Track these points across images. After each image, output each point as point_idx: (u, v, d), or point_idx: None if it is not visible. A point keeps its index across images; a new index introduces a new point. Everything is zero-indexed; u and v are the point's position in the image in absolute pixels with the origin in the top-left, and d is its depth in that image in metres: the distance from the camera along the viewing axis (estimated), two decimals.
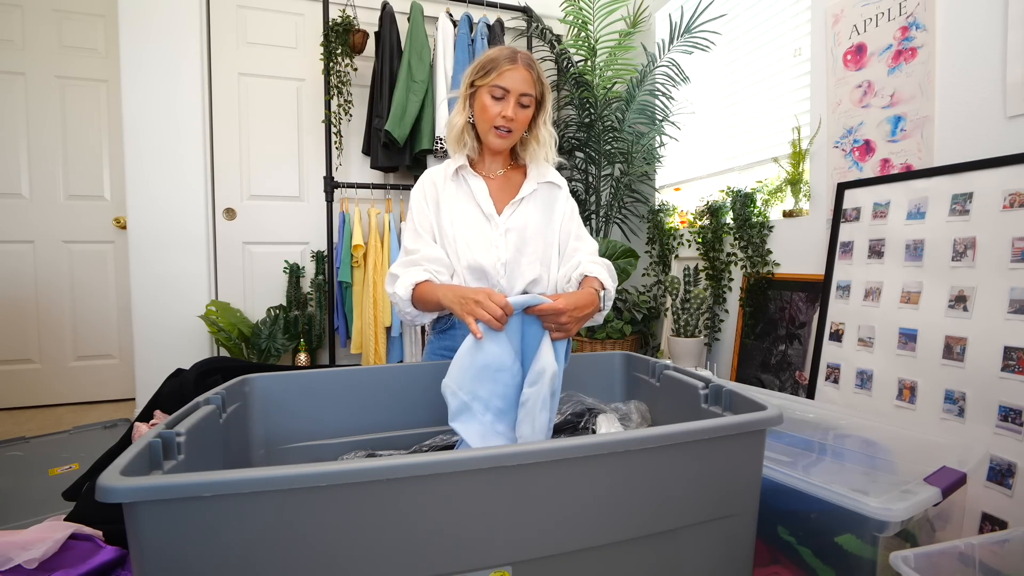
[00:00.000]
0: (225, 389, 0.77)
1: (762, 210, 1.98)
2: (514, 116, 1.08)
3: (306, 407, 0.89)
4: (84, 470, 1.20)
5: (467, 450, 0.52)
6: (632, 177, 2.52)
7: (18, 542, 0.75)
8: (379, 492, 0.48)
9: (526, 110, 1.11)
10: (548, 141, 1.17)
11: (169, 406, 1.19)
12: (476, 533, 0.52)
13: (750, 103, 2.16)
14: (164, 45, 2.32)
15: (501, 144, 1.13)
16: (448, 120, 1.18)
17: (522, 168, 1.22)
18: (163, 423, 0.60)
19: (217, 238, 2.50)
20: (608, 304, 1.05)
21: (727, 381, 0.95)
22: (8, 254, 2.53)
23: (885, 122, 1.53)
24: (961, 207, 1.27)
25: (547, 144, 1.17)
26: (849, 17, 1.63)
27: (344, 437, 0.91)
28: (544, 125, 1.16)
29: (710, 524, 0.62)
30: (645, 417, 0.93)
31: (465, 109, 1.14)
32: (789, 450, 0.90)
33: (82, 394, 2.68)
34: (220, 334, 2.25)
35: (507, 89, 1.07)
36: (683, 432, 0.58)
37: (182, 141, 2.36)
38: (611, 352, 1.09)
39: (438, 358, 1.13)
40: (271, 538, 0.46)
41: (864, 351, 1.46)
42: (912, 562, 0.61)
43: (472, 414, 0.85)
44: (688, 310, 2.13)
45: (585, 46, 2.46)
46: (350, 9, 2.43)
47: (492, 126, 1.10)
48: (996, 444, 1.11)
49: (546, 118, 1.16)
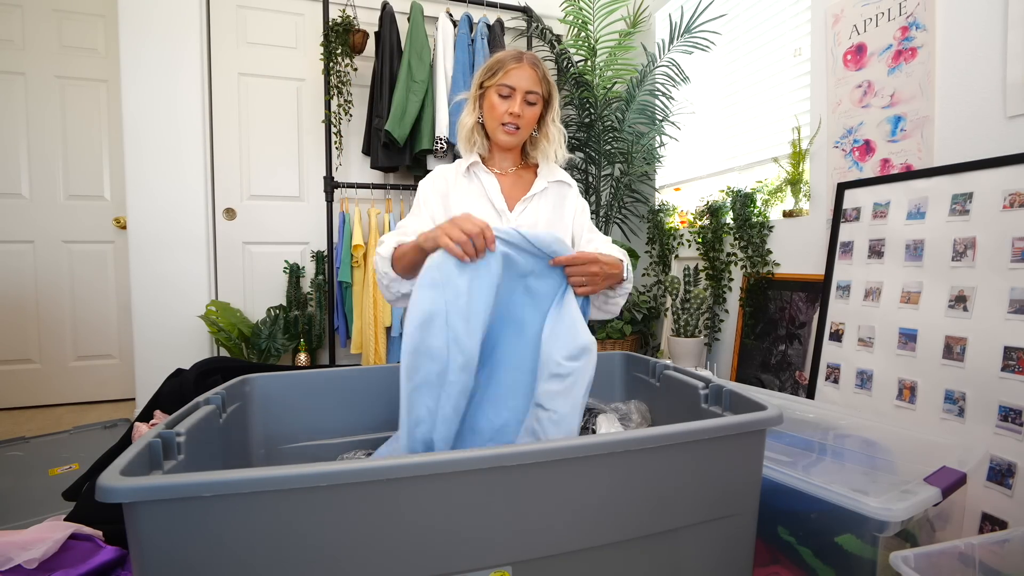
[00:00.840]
0: (225, 389, 0.77)
1: (762, 210, 1.98)
2: (521, 112, 1.12)
3: (306, 407, 0.89)
4: (84, 470, 1.20)
5: (467, 450, 0.52)
6: (632, 177, 2.52)
7: (18, 542, 0.75)
8: (379, 492, 0.48)
9: (533, 107, 1.14)
10: (557, 138, 1.20)
11: (169, 406, 1.19)
12: (476, 533, 0.52)
13: (750, 103, 2.16)
14: (164, 45, 2.31)
15: (509, 141, 1.16)
16: (459, 121, 1.21)
17: (533, 167, 1.25)
18: (163, 423, 0.60)
19: (217, 238, 2.50)
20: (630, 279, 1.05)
21: (727, 381, 0.95)
22: (8, 254, 2.53)
23: (885, 122, 1.53)
24: (961, 207, 1.27)
25: (556, 141, 1.20)
26: (849, 17, 1.63)
27: (344, 437, 0.91)
28: (553, 123, 1.20)
29: (710, 524, 0.62)
30: (645, 417, 0.93)
31: (475, 110, 1.18)
32: (789, 450, 0.90)
33: (82, 394, 2.67)
34: (220, 334, 2.25)
35: (513, 87, 1.11)
36: (683, 432, 0.58)
37: (182, 141, 2.36)
38: (611, 352, 1.09)
39: None
40: (271, 538, 0.46)
41: (864, 351, 1.46)
42: (912, 562, 0.61)
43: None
44: (688, 310, 2.13)
45: (585, 46, 2.46)
46: (350, 9, 2.43)
47: (500, 123, 1.13)
48: (996, 444, 1.11)
49: (554, 116, 1.20)
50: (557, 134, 1.20)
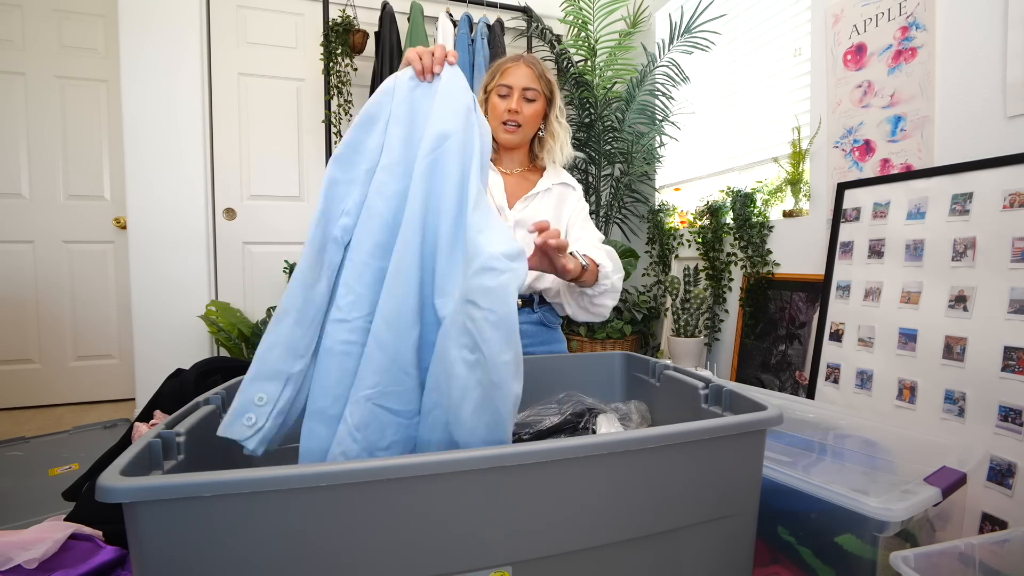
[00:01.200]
0: (225, 389, 0.77)
1: (762, 210, 1.98)
2: (519, 109, 1.14)
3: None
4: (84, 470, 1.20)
5: (467, 450, 0.52)
6: (632, 177, 2.52)
7: (18, 542, 0.75)
8: (379, 492, 0.48)
9: (533, 104, 1.15)
10: (561, 135, 1.22)
11: (169, 406, 1.19)
12: (476, 533, 0.52)
13: (750, 103, 2.16)
14: (164, 45, 2.32)
15: (510, 139, 1.17)
16: None
17: (540, 169, 1.26)
18: (163, 423, 0.60)
19: (217, 238, 2.50)
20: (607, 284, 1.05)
21: (727, 381, 0.95)
22: (8, 254, 2.53)
23: (885, 122, 1.53)
24: (961, 207, 1.27)
25: (561, 138, 1.21)
26: (849, 17, 1.63)
27: None
28: (556, 120, 1.21)
29: (710, 524, 0.62)
30: (645, 417, 0.93)
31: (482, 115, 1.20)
32: (789, 450, 0.90)
33: (82, 394, 2.68)
34: (220, 334, 2.25)
35: (510, 86, 1.14)
36: (683, 432, 0.58)
37: (182, 141, 2.36)
38: (611, 352, 1.09)
39: None
40: (271, 538, 0.46)
41: (864, 351, 1.46)
42: (912, 562, 0.61)
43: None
44: (688, 310, 2.14)
45: (585, 46, 2.46)
46: (350, 9, 2.43)
47: (501, 122, 1.15)
48: (996, 444, 1.11)
49: (557, 114, 1.21)
50: (560, 131, 1.21)
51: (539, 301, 1.21)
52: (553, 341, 1.26)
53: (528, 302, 1.20)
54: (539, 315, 1.21)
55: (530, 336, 1.21)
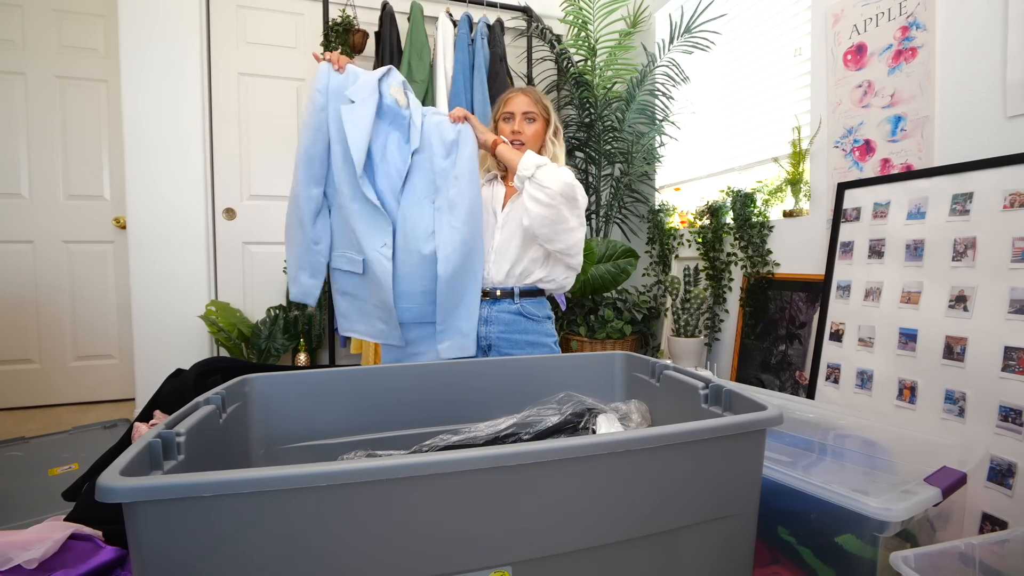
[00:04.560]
0: (225, 389, 0.77)
1: (762, 210, 1.98)
2: (521, 129, 1.35)
3: (306, 407, 0.89)
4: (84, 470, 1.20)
5: (467, 450, 0.52)
6: (632, 177, 2.52)
7: (18, 542, 0.75)
8: (379, 492, 0.48)
9: (533, 124, 1.36)
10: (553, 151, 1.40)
11: (169, 406, 1.19)
12: (476, 533, 0.52)
13: (750, 103, 2.16)
14: (164, 45, 2.31)
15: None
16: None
17: None
18: (163, 423, 0.60)
19: (217, 238, 2.50)
20: (529, 174, 1.19)
21: (727, 381, 0.95)
22: (8, 254, 2.53)
23: (885, 122, 1.53)
24: (961, 207, 1.27)
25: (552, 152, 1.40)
26: (849, 17, 1.63)
27: (344, 437, 0.91)
28: (551, 139, 1.40)
29: (710, 524, 0.62)
30: (645, 417, 0.93)
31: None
32: (789, 450, 0.90)
33: (82, 394, 2.67)
34: (220, 334, 2.25)
35: (512, 112, 1.36)
36: (683, 432, 0.58)
37: (182, 141, 2.36)
38: (611, 352, 1.09)
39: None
40: (271, 538, 0.46)
41: (864, 351, 1.46)
42: (912, 562, 0.61)
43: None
44: (688, 310, 2.14)
45: (585, 46, 2.46)
46: (350, 9, 2.43)
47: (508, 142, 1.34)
48: (996, 444, 1.11)
49: (551, 133, 1.41)
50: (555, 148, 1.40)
51: (520, 294, 1.33)
52: (532, 332, 1.34)
53: (508, 294, 1.32)
54: (518, 306, 1.33)
55: (505, 324, 1.32)
